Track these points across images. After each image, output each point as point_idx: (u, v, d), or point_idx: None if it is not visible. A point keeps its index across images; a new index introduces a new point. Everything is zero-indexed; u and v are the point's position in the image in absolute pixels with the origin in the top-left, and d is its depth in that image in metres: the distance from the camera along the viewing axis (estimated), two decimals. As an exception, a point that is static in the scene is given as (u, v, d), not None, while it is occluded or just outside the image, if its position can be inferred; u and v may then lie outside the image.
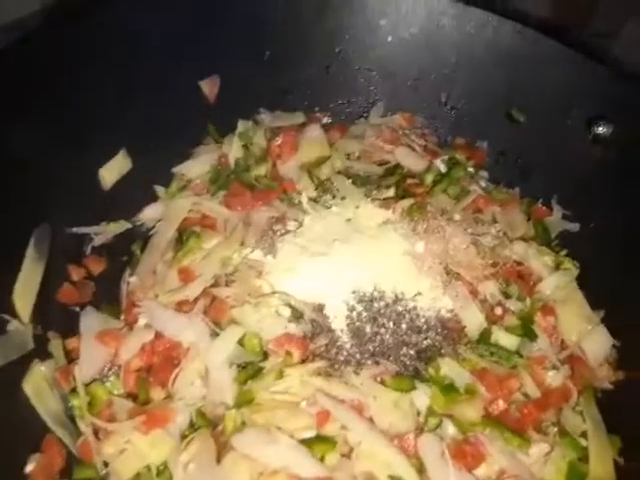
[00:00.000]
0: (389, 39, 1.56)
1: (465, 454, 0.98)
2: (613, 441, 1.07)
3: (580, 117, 1.35)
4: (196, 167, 1.50)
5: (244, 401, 1.06)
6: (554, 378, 1.11)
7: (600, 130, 1.31)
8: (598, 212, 1.33)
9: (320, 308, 1.19)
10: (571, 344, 1.18)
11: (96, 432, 1.08)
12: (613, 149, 1.31)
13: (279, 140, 1.50)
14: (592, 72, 1.31)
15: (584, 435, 1.07)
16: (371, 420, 1.04)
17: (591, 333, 1.18)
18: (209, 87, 1.51)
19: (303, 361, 1.11)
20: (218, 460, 0.99)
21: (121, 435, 1.05)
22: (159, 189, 1.47)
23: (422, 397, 1.07)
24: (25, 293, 1.13)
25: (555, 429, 1.07)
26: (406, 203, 1.33)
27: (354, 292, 1.20)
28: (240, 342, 1.13)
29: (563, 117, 1.38)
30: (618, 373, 1.18)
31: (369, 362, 1.11)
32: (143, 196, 1.44)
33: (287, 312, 1.17)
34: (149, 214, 1.43)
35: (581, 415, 1.10)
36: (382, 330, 1.16)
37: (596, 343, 1.18)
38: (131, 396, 1.14)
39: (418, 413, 1.07)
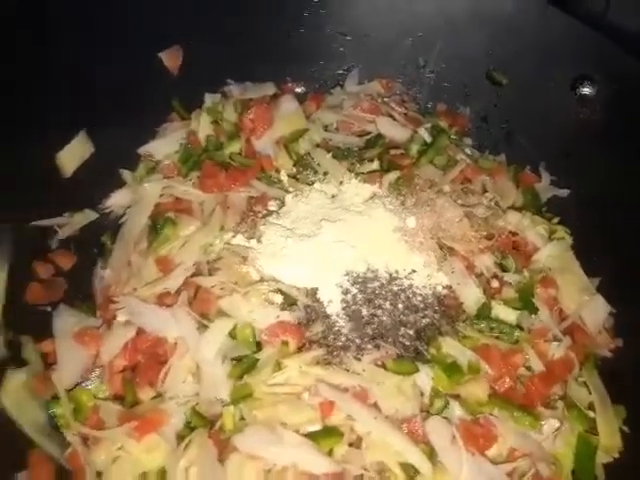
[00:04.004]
0: (361, 0, 1.47)
1: (476, 436, 0.97)
2: (618, 411, 1.08)
3: (564, 78, 1.32)
4: (164, 147, 1.40)
5: (241, 396, 1.01)
6: (557, 349, 1.11)
7: (585, 90, 1.28)
8: (586, 175, 1.31)
9: (313, 293, 1.14)
10: (570, 313, 1.18)
11: (85, 439, 1.02)
12: (599, 109, 1.28)
13: (251, 114, 1.41)
14: (576, 31, 1.27)
15: (591, 407, 1.08)
16: (376, 406, 1.01)
17: (589, 302, 1.18)
18: (171, 59, 1.42)
19: (300, 350, 1.07)
20: (220, 461, 0.94)
21: (112, 442, 0.99)
22: (125, 173, 1.37)
23: (425, 379, 1.05)
24: (-10, 297, 1.04)
25: (562, 403, 1.06)
26: (392, 176, 1.28)
27: (347, 274, 1.16)
28: (231, 334, 1.08)
29: (547, 78, 1.35)
30: (617, 340, 1.19)
31: (369, 346, 1.08)
32: (108, 182, 1.35)
33: (279, 299, 1.13)
34: (117, 201, 1.34)
35: (586, 386, 1.10)
36: (379, 312, 1.12)
37: (594, 311, 1.17)
38: (118, 398, 1.08)
39: (422, 395, 1.05)
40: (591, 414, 1.07)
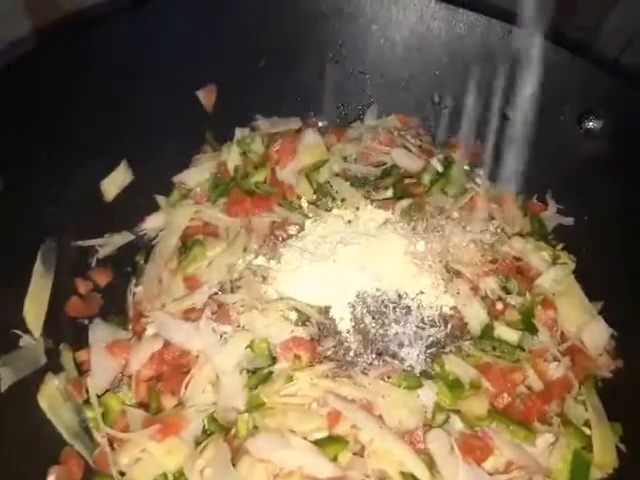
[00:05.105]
0: (381, 42, 1.58)
1: (473, 448, 1.01)
2: (615, 428, 1.10)
3: (571, 113, 1.38)
4: (196, 176, 1.51)
5: (255, 405, 1.08)
6: (556, 370, 1.14)
7: (591, 125, 1.34)
8: (591, 205, 1.36)
9: (326, 311, 1.22)
10: (571, 336, 1.21)
11: (111, 443, 1.10)
12: (603, 143, 1.34)
13: (277, 146, 1.52)
14: (581, 69, 1.34)
15: (587, 424, 1.10)
16: (380, 418, 1.06)
17: (590, 324, 1.21)
18: (206, 96, 1.53)
19: (311, 364, 1.13)
20: (233, 464, 1.01)
21: (136, 444, 1.07)
22: (160, 199, 1.48)
23: (429, 394, 1.09)
24: (35, 308, 1.15)
25: (559, 419, 1.09)
26: (405, 203, 1.36)
27: (358, 294, 1.22)
28: (249, 347, 1.15)
29: (555, 113, 1.41)
30: (617, 361, 1.21)
31: (376, 362, 1.14)
32: (145, 206, 1.46)
33: (294, 316, 1.20)
34: (151, 224, 1.44)
35: (583, 404, 1.13)
36: (387, 330, 1.18)
37: (595, 334, 1.20)
38: (143, 406, 1.16)
39: (425, 410, 1.09)
40: (587, 431, 1.08)
